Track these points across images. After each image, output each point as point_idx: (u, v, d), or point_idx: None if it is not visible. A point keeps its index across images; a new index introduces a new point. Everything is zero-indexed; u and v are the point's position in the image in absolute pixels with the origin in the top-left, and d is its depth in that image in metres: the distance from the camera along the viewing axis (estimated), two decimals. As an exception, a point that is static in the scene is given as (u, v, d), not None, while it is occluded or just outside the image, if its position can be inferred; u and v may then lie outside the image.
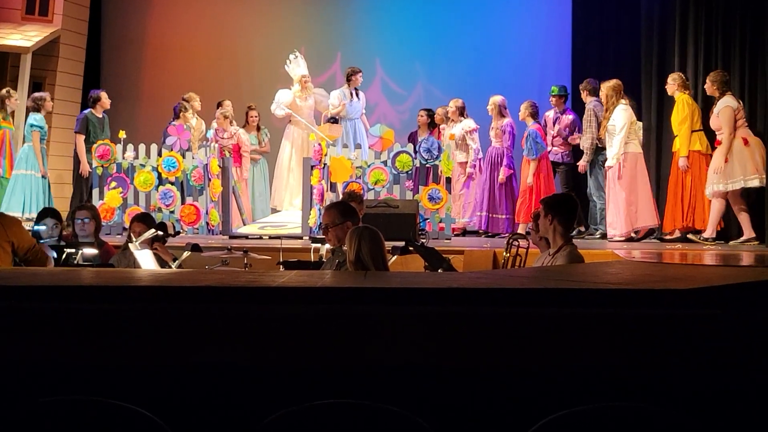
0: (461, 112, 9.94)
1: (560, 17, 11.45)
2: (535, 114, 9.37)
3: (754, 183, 8.25)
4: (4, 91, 9.96)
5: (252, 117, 10.93)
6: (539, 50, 11.81)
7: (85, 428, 2.21)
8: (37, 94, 10.00)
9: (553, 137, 9.55)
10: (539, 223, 4.62)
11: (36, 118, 9.72)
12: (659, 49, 9.78)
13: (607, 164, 8.72)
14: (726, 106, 8.27)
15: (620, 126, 8.63)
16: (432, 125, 10.29)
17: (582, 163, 9.14)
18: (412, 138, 10.12)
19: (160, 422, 2.21)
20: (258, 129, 10.95)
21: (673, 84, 8.75)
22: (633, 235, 8.81)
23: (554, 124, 9.62)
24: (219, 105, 10.75)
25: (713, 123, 8.43)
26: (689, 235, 8.67)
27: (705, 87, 8.54)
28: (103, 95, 10.10)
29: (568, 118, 9.59)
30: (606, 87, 8.88)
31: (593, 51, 10.87)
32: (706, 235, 8.40)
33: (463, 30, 11.97)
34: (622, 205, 8.69)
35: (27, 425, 2.21)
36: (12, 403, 2.25)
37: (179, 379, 2.51)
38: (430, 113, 10.33)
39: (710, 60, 9.11)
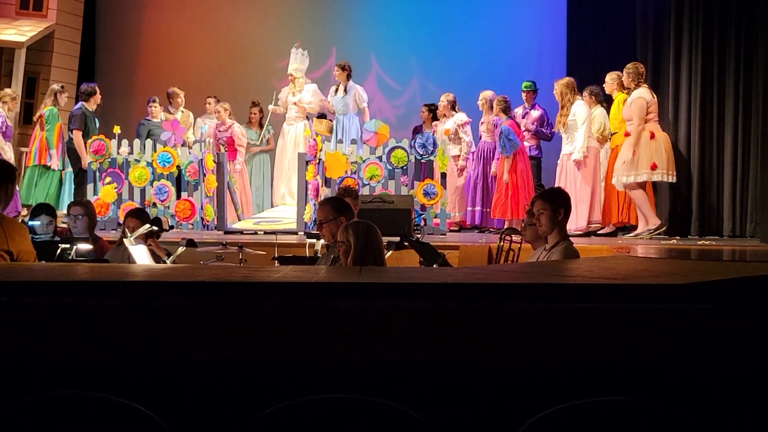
0: (453, 106, 9.92)
1: (556, 12, 11.46)
2: (507, 109, 9.27)
3: (658, 177, 8.38)
4: (57, 86, 9.92)
5: (254, 113, 10.93)
6: (535, 45, 11.82)
7: (80, 423, 2.21)
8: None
9: (521, 132, 9.51)
10: (540, 218, 4.47)
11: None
12: (654, 44, 9.79)
13: (573, 157, 8.77)
14: (639, 97, 8.34)
15: (582, 119, 8.72)
16: (435, 120, 10.24)
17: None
18: (417, 132, 10.04)
19: (156, 417, 2.21)
20: (261, 126, 10.93)
21: (611, 83, 8.85)
22: (591, 228, 8.82)
23: (523, 118, 9.64)
24: (207, 102, 10.79)
25: (625, 112, 8.50)
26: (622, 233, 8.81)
27: (622, 79, 8.62)
28: (97, 89, 9.92)
29: (536, 113, 9.59)
30: (559, 84, 8.95)
31: (589, 47, 10.88)
32: (638, 230, 8.47)
33: (458, 24, 11.98)
34: (585, 198, 8.72)
35: (22, 420, 2.21)
36: (6, 398, 2.24)
37: (175, 374, 2.51)
38: (432, 108, 10.27)
39: (707, 54, 9.12)
